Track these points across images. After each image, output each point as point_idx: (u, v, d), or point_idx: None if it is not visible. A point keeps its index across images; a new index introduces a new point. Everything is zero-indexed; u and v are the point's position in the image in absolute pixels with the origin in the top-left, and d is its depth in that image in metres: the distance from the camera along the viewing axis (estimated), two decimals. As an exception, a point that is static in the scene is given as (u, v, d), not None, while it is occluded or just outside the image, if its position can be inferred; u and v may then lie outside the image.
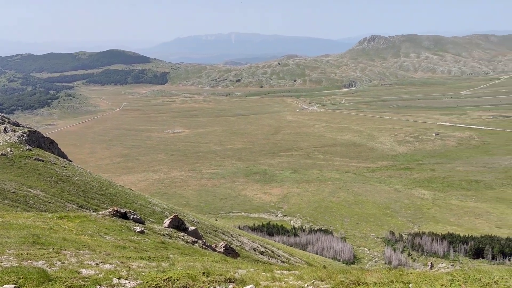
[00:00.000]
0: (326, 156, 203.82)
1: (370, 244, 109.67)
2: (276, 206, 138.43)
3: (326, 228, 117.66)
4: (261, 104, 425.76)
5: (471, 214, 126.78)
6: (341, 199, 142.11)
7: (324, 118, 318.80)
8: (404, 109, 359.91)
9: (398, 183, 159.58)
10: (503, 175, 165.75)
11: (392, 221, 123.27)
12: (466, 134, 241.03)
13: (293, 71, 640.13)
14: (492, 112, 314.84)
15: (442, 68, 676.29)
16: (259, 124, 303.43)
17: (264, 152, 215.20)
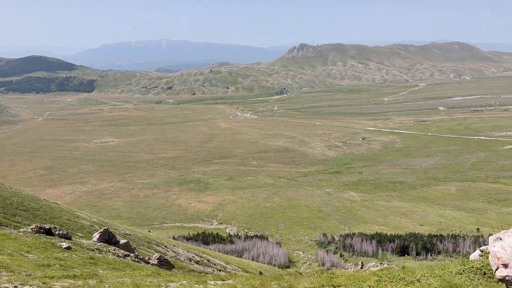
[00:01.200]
0: (260, 162, 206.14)
1: (304, 247, 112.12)
2: (211, 214, 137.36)
3: (262, 234, 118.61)
4: (194, 112, 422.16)
5: (396, 214, 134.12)
6: (276, 204, 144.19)
7: (257, 125, 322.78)
8: (333, 115, 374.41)
9: (329, 187, 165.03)
10: (424, 175, 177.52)
11: (325, 224, 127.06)
12: (390, 138, 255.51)
13: (226, 79, 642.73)
14: (412, 117, 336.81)
15: (367, 76, 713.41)
16: (192, 131, 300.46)
17: (198, 160, 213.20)
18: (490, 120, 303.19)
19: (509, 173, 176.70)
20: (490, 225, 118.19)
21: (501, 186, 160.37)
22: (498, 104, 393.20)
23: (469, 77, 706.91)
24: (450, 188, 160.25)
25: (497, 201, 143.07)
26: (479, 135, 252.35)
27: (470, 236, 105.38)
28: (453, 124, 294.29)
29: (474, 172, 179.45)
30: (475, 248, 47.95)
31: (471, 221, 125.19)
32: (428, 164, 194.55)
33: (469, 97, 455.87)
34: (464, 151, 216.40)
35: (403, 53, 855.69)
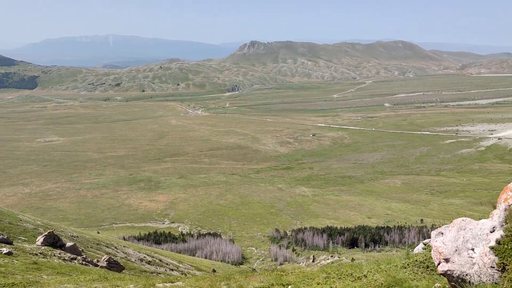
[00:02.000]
0: (212, 160, 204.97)
1: (257, 243, 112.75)
2: (163, 213, 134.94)
3: (215, 232, 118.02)
4: (143, 109, 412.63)
5: (346, 207, 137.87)
6: (229, 202, 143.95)
7: (209, 122, 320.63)
8: (284, 112, 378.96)
9: (281, 182, 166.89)
10: (371, 170, 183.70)
11: (277, 219, 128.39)
12: (339, 134, 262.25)
13: (176, 75, 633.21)
14: (360, 114, 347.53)
15: (316, 73, 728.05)
16: (142, 129, 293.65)
17: (149, 159, 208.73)
18: (432, 116, 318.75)
19: (450, 166, 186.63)
20: (432, 216, 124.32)
21: (442, 178, 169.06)
22: (439, 101, 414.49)
23: (412, 75, 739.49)
24: (396, 181, 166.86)
25: (439, 193, 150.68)
26: (422, 131, 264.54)
27: (414, 227, 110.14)
28: (398, 120, 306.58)
29: (417, 166, 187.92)
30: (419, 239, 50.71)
31: (415, 212, 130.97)
32: (375, 159, 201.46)
33: (412, 94, 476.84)
34: (409, 145, 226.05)
35: (351, 51, 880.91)
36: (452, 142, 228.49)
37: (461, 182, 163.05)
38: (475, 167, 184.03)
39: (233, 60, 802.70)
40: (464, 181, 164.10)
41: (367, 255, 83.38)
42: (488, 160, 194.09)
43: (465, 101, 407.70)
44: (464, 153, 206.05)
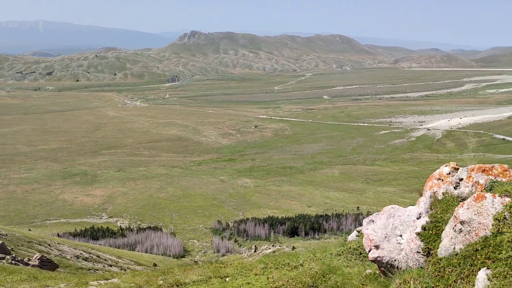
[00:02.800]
0: (152, 152, 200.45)
1: (199, 236, 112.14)
2: (100, 208, 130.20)
3: (155, 225, 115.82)
4: (78, 100, 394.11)
5: (287, 197, 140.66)
6: (170, 194, 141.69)
7: (148, 113, 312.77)
8: (226, 103, 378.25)
9: (223, 174, 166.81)
10: (311, 160, 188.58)
11: (219, 211, 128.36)
12: (280, 126, 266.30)
13: (113, 64, 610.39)
14: (300, 106, 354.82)
15: (258, 65, 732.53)
16: (77, 121, 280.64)
17: (84, 151, 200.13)
18: (367, 108, 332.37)
19: (383, 156, 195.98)
20: (368, 203, 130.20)
21: (376, 167, 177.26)
22: (374, 93, 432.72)
23: (349, 68, 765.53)
24: (334, 171, 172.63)
25: (374, 182, 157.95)
26: (358, 122, 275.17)
27: (351, 214, 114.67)
28: (336, 112, 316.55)
29: (354, 156, 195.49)
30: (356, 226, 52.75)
31: (352, 200, 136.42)
32: (315, 150, 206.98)
33: (349, 86, 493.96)
34: (346, 136, 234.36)
35: (291, 44, 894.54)
36: (386, 133, 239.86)
37: (394, 171, 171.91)
38: (407, 156, 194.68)
39: (173, 50, 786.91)
40: (396, 170, 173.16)
41: (307, 243, 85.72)
42: (418, 149, 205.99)
43: (397, 94, 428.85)
44: (397, 143, 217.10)
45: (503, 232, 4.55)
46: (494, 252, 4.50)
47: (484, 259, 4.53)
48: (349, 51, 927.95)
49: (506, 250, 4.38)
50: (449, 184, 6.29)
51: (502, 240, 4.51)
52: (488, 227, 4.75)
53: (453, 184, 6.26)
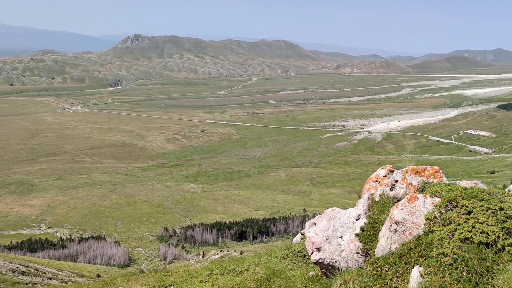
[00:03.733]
0: (94, 159, 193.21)
1: (145, 244, 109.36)
2: (39, 218, 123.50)
3: (98, 235, 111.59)
4: (12, 105, 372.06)
5: (234, 202, 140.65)
6: (113, 202, 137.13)
7: (89, 119, 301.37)
8: (171, 108, 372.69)
9: (169, 180, 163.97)
10: (258, 164, 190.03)
11: (166, 218, 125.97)
12: (227, 130, 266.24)
13: (51, 68, 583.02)
14: (246, 110, 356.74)
15: (203, 70, 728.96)
16: (11, 127, 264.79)
17: (20, 159, 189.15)
18: (312, 112, 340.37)
19: (328, 158, 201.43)
20: (314, 205, 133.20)
21: (321, 170, 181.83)
22: (317, 98, 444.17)
23: (294, 73, 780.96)
24: (281, 174, 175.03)
25: (319, 184, 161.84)
26: (303, 126, 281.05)
27: (298, 216, 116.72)
28: (282, 116, 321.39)
29: (300, 159, 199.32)
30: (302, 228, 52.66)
31: (298, 202, 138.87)
32: (262, 154, 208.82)
33: (294, 91, 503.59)
34: (292, 140, 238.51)
35: (237, 49, 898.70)
36: (330, 136, 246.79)
37: (338, 173, 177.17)
38: (350, 158, 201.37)
39: (115, 53, 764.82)
40: (340, 171, 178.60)
41: (255, 247, 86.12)
42: (360, 152, 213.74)
43: (340, 98, 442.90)
44: (340, 146, 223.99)
45: (434, 230, 4.83)
46: (426, 250, 4.75)
47: (417, 257, 4.78)
48: (293, 57, 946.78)
49: (437, 248, 4.65)
50: (385, 186, 6.59)
51: (433, 238, 4.78)
52: (420, 227, 5.02)
53: (389, 186, 6.57)
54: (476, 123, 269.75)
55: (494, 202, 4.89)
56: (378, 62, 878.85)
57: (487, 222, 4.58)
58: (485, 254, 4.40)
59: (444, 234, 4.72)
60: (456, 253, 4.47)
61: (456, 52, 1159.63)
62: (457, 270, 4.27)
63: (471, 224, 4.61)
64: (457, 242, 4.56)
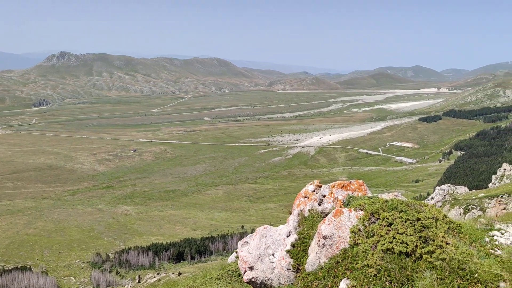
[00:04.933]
0: (17, 184, 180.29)
1: (76, 272, 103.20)
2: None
3: (23, 265, 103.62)
4: None
5: (171, 222, 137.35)
6: (39, 230, 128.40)
7: (11, 141, 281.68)
8: (102, 127, 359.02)
9: (101, 203, 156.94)
10: (194, 182, 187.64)
11: (98, 243, 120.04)
12: (161, 149, 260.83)
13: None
14: (181, 128, 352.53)
15: (135, 88, 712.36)
16: None
17: None
18: (247, 128, 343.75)
19: (264, 173, 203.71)
20: (252, 221, 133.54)
21: (258, 185, 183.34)
22: (252, 114, 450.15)
23: (228, 90, 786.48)
24: (218, 191, 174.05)
25: (256, 199, 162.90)
26: (239, 142, 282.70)
27: (236, 233, 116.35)
28: (217, 133, 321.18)
29: (237, 175, 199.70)
30: (240, 245, 51.39)
31: (236, 219, 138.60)
32: (198, 171, 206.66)
33: (229, 108, 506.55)
34: (228, 157, 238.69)
35: (169, 66, 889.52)
36: (265, 152, 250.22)
37: (274, 187, 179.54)
38: (285, 173, 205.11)
39: (39, 72, 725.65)
40: (276, 186, 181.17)
41: (194, 267, 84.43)
42: (295, 166, 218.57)
43: (274, 114, 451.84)
44: (276, 161, 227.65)
45: (359, 243, 5.03)
46: (352, 262, 4.93)
47: (345, 270, 4.94)
48: (227, 74, 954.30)
49: (362, 260, 4.84)
50: (314, 201, 6.78)
51: (358, 251, 4.98)
52: (346, 240, 5.20)
53: (317, 201, 6.77)
54: (401, 135, 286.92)
55: (412, 213, 5.21)
56: (309, 79, 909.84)
57: (406, 233, 4.86)
58: (405, 263, 4.65)
59: (368, 246, 4.93)
60: (379, 264, 4.69)
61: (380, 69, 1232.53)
62: (381, 280, 4.47)
63: (392, 235, 4.86)
64: (380, 253, 4.78)
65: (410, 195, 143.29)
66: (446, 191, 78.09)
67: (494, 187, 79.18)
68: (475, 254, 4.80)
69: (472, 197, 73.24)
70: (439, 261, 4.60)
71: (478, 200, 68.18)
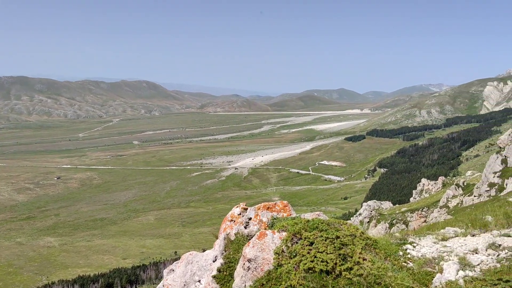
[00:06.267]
0: None
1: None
2: None
3: None
4: None
5: (99, 252, 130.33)
6: None
7: None
8: (21, 154, 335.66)
9: (20, 236, 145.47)
10: (124, 209, 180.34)
11: (17, 279, 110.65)
12: (88, 175, 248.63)
13: None
14: (109, 152, 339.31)
15: (58, 112, 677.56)
16: None
17: None
18: (179, 151, 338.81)
19: (197, 197, 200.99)
20: (185, 246, 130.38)
21: (191, 209, 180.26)
22: (183, 137, 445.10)
23: (158, 113, 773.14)
24: (149, 217, 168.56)
25: (190, 224, 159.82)
26: (170, 166, 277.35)
27: (169, 260, 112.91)
28: (147, 157, 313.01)
29: (169, 200, 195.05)
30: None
31: (169, 246, 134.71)
32: (128, 197, 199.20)
33: (159, 131, 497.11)
34: (159, 181, 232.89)
35: (95, 89, 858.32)
36: (198, 175, 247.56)
37: (208, 210, 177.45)
38: (219, 195, 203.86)
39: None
40: (210, 209, 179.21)
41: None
42: (229, 188, 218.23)
43: (206, 136, 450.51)
44: (209, 183, 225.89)
45: (282, 264, 5.12)
46: (276, 284, 5.00)
47: (269, 292, 5.00)
48: (156, 97, 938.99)
49: (285, 281, 4.93)
50: (240, 224, 6.81)
51: (281, 272, 5.06)
52: (270, 262, 5.27)
53: (243, 224, 6.81)
54: (329, 154, 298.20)
55: (331, 231, 5.42)
56: (240, 101, 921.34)
57: (326, 251, 5.03)
58: (325, 281, 4.80)
59: (291, 267, 5.04)
60: (302, 284, 4.80)
61: (307, 91, 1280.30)
62: (303, 300, 4.58)
63: (313, 254, 5.01)
64: (302, 273, 4.90)
65: (340, 212, 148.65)
66: (372, 207, 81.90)
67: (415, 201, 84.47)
68: (390, 268, 5.08)
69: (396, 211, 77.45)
70: (357, 277, 4.80)
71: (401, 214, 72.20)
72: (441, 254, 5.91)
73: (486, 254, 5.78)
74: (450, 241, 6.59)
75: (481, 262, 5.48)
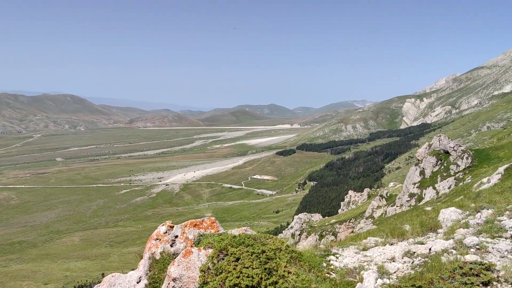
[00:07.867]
0: None
1: None
2: None
3: None
4: None
5: (17, 278, 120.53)
6: None
7: None
8: None
9: None
10: (45, 230, 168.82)
11: None
12: (4, 195, 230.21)
13: None
14: (28, 170, 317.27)
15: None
16: None
17: None
18: (106, 168, 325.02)
19: (126, 215, 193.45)
20: (113, 268, 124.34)
21: (120, 229, 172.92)
22: (111, 153, 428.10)
23: (83, 128, 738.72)
24: (74, 239, 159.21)
25: (118, 244, 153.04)
26: (97, 183, 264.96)
27: (96, 283, 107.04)
28: (72, 174, 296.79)
29: (95, 219, 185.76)
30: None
31: (96, 267, 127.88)
32: (50, 218, 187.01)
33: (85, 147, 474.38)
34: (85, 199, 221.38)
35: (14, 103, 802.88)
36: (127, 192, 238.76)
37: (137, 229, 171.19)
38: (149, 213, 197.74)
39: None
40: (140, 228, 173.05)
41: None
42: (159, 205, 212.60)
43: (135, 152, 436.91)
44: (138, 201, 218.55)
45: (208, 282, 5.05)
46: (202, 303, 4.93)
47: (195, 312, 4.90)
48: (82, 111, 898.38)
49: (211, 299, 4.87)
50: (166, 243, 6.63)
51: (207, 290, 5.00)
52: (196, 280, 5.18)
53: (169, 242, 6.64)
54: (261, 168, 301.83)
55: (257, 246, 5.45)
56: (170, 116, 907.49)
57: (252, 266, 5.04)
58: (251, 296, 4.80)
59: (216, 284, 4.98)
60: (227, 301, 4.75)
61: (239, 106, 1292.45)
62: (229, 317, 4.53)
63: (239, 270, 5.00)
64: (227, 289, 4.86)
65: (272, 226, 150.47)
66: (303, 220, 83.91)
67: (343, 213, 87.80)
68: (314, 280, 5.20)
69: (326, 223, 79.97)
70: (281, 291, 4.86)
71: (330, 226, 74.59)
72: (362, 263, 6.17)
73: (402, 261, 6.12)
74: (370, 251, 6.91)
75: (397, 269, 5.79)
